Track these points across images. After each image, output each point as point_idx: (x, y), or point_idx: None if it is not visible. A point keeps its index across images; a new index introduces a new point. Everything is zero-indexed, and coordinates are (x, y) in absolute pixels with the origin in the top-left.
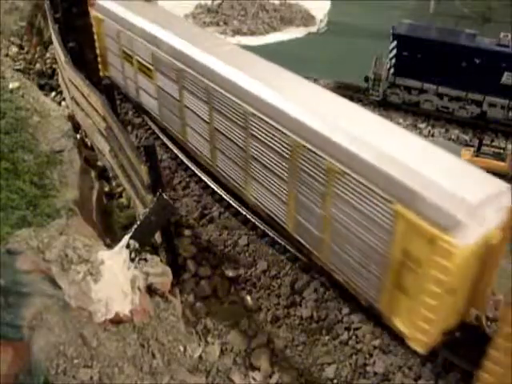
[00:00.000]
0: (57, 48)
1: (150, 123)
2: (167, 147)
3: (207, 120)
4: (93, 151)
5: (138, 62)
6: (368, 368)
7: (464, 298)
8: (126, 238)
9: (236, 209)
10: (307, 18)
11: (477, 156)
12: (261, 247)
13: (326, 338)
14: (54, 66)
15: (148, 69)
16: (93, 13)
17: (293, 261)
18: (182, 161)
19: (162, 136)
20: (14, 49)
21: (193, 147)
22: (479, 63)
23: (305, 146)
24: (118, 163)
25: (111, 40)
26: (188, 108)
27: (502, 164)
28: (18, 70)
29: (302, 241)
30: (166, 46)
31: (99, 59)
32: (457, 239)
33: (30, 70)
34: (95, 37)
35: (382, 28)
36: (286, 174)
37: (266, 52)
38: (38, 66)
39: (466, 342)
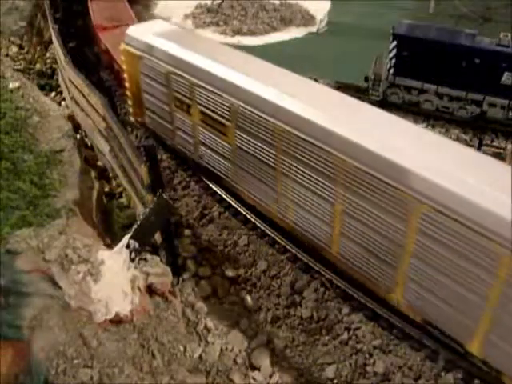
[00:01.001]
0: (57, 48)
1: (213, 186)
2: (164, 147)
3: (331, 200)
4: (93, 151)
5: (202, 113)
6: (368, 368)
7: None
8: (126, 238)
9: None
10: (307, 18)
11: None
12: (261, 247)
13: (326, 338)
14: (54, 65)
15: (221, 124)
16: (123, 47)
17: (293, 261)
18: (181, 161)
19: (232, 201)
20: (14, 49)
21: (301, 230)
22: (479, 63)
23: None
24: (117, 163)
25: (154, 82)
26: (292, 179)
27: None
28: (17, 70)
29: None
30: (258, 100)
31: (130, 102)
32: None
33: (30, 70)
34: (125, 75)
35: (382, 28)
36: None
37: (266, 52)
38: (38, 66)
39: None
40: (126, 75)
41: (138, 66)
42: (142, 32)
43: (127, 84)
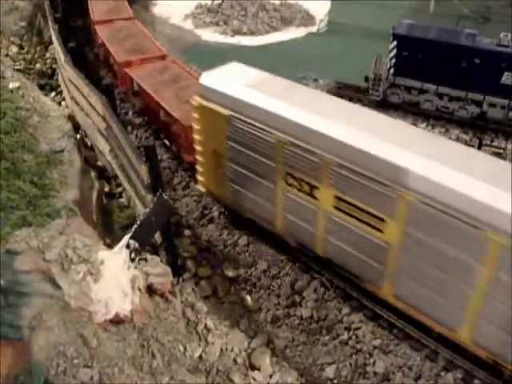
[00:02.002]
0: (57, 48)
1: (365, 300)
2: (166, 147)
3: None
4: (93, 151)
5: (340, 200)
6: (368, 368)
7: None
8: (126, 237)
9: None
10: (307, 18)
11: None
12: (261, 247)
13: (326, 338)
14: (53, 66)
15: (374, 217)
16: (196, 100)
17: (293, 261)
18: (181, 162)
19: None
20: (14, 49)
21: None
22: (479, 63)
23: None
24: (117, 163)
25: (250, 151)
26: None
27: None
28: (17, 70)
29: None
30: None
31: (200, 168)
32: None
33: (30, 70)
34: (196, 136)
35: (382, 28)
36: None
37: (266, 52)
38: (38, 65)
39: None
40: (197, 136)
41: (221, 127)
42: (223, 81)
43: (198, 147)
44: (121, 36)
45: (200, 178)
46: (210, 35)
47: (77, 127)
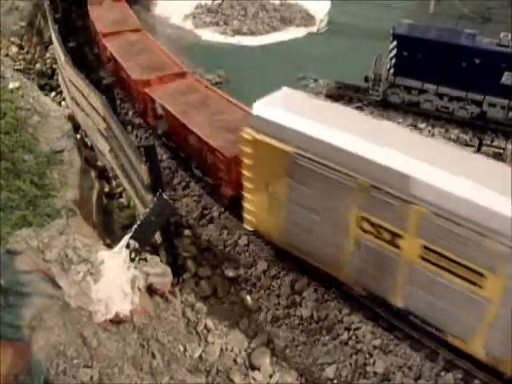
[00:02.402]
0: (57, 48)
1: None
2: (169, 148)
3: None
4: (93, 151)
5: (429, 250)
6: (368, 368)
7: None
8: (126, 238)
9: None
10: (307, 18)
11: None
12: (261, 247)
13: (326, 337)
14: (54, 65)
15: (472, 272)
16: (247, 132)
17: (293, 261)
18: (182, 161)
19: None
20: (14, 49)
21: None
22: (479, 63)
23: None
24: (118, 163)
25: (315, 191)
26: None
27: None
28: (17, 70)
29: None
30: None
31: (249, 206)
32: None
33: (30, 70)
34: (245, 172)
35: (382, 28)
36: None
37: (266, 52)
38: (38, 65)
39: None
40: (247, 172)
41: (280, 164)
42: (282, 112)
43: (248, 183)
44: (133, 50)
45: (247, 216)
46: (210, 35)
47: (77, 127)
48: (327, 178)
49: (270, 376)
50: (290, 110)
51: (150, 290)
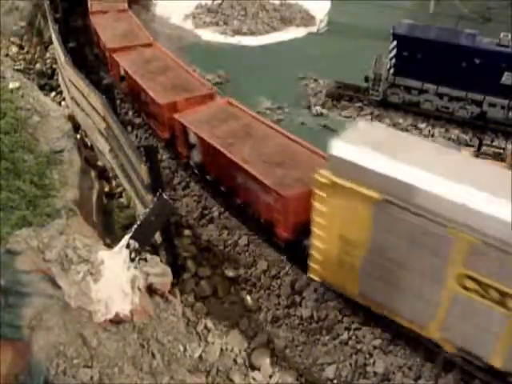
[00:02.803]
0: (57, 48)
1: None
2: (168, 148)
3: None
4: (93, 151)
5: None
6: (368, 368)
7: None
8: (126, 238)
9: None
10: (307, 18)
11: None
12: (261, 247)
13: (326, 338)
14: (54, 66)
15: None
16: (324, 175)
17: (293, 261)
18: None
19: None
20: (14, 49)
21: None
22: (479, 63)
23: None
24: (117, 163)
25: (405, 242)
26: None
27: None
28: (18, 70)
29: None
30: None
31: (314, 254)
32: None
33: (30, 70)
34: (317, 218)
35: (382, 28)
36: None
37: (266, 52)
38: (38, 65)
39: None
40: (319, 218)
41: (363, 212)
42: (364, 152)
43: (319, 231)
44: (150, 68)
45: (314, 265)
46: (210, 35)
47: (77, 127)
48: (423, 228)
49: (270, 376)
50: (376, 150)
51: (150, 290)
